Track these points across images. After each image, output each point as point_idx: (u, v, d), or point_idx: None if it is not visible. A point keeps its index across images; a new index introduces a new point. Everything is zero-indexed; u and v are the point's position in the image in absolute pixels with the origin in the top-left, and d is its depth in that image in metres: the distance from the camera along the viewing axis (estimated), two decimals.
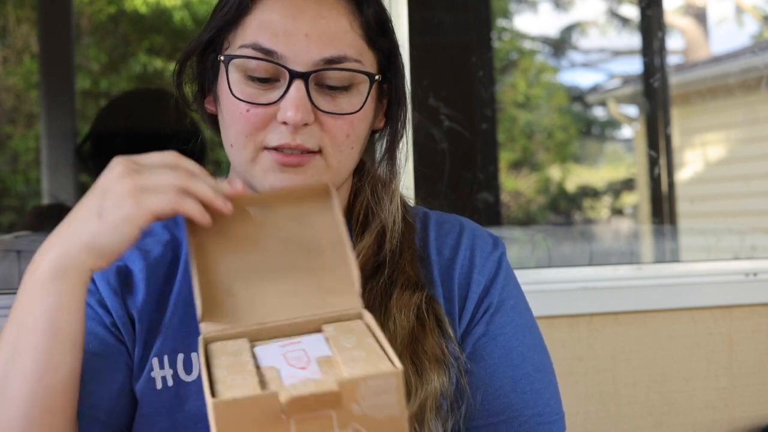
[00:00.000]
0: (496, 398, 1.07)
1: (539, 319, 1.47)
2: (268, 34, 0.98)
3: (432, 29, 2.81)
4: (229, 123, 1.01)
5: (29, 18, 3.06)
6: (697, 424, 1.92)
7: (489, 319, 1.09)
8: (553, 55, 6.99)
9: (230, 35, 1.02)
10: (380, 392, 0.73)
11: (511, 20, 6.31)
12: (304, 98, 0.97)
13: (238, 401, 0.72)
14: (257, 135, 0.99)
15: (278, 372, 0.77)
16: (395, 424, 0.74)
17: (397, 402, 0.74)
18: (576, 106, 6.82)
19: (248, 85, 0.99)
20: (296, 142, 0.97)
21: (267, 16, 0.99)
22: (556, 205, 6.63)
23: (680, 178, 5.55)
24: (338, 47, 0.99)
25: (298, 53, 0.98)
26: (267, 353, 0.80)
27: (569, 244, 3.01)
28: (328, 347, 0.80)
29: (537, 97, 6.46)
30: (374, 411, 0.73)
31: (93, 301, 1.03)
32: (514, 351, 1.09)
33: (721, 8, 6.28)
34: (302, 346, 0.81)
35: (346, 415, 0.73)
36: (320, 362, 0.78)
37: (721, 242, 2.73)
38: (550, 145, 6.55)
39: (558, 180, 6.65)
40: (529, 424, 1.08)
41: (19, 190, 3.34)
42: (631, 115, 6.64)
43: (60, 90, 2.72)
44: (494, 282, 1.10)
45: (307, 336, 0.83)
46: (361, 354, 0.77)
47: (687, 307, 1.93)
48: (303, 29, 0.98)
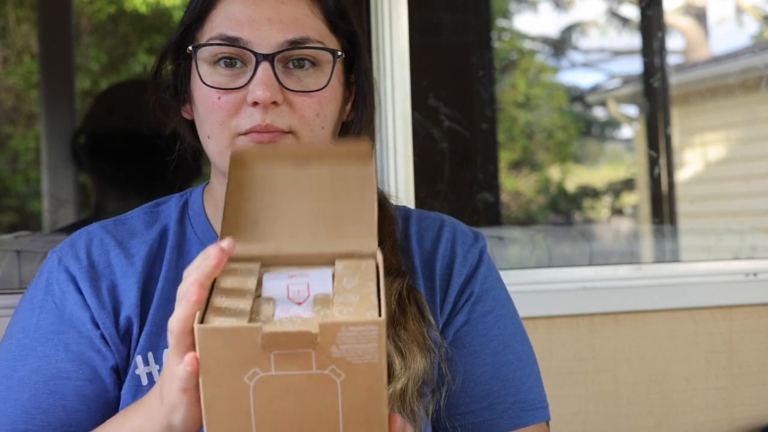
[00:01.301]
0: (477, 385, 1.09)
1: (540, 319, 1.48)
2: (232, 23, 1.03)
3: (432, 29, 2.81)
4: (204, 115, 1.05)
5: (29, 18, 3.06)
6: (697, 424, 1.92)
7: (470, 308, 1.11)
8: (553, 55, 6.99)
9: (198, 33, 1.07)
10: (360, 339, 0.74)
11: (511, 20, 6.31)
12: (271, 78, 1.01)
13: (219, 330, 0.74)
14: (230, 121, 1.03)
15: (274, 304, 0.79)
16: (373, 371, 0.76)
17: (376, 350, 0.75)
18: (576, 106, 6.82)
19: (217, 73, 1.04)
20: (266, 122, 1.01)
21: (230, 8, 1.04)
22: (556, 205, 6.63)
23: (680, 178, 5.55)
24: (300, 30, 1.03)
25: (262, 37, 1.02)
26: (272, 282, 0.82)
27: (569, 244, 3.01)
28: (330, 285, 0.82)
29: (537, 97, 6.46)
30: (353, 356, 0.75)
31: (86, 318, 1.05)
32: (495, 339, 1.11)
33: (721, 8, 6.28)
34: (308, 279, 0.82)
35: (324, 357, 0.74)
36: (316, 300, 0.79)
37: (721, 242, 2.72)
38: (550, 145, 6.55)
39: (558, 180, 6.65)
40: (513, 410, 1.10)
41: (19, 190, 3.34)
42: (631, 115, 6.65)
43: (60, 90, 2.71)
44: (476, 273, 1.13)
45: (317, 269, 0.84)
46: (356, 299, 0.79)
47: (687, 307, 1.93)
48: (265, 14, 1.03)
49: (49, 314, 1.06)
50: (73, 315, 1.05)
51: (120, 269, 1.07)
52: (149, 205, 1.17)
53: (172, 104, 1.12)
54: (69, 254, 1.09)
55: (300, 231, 0.88)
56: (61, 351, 1.04)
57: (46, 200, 2.82)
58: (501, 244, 2.41)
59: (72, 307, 1.06)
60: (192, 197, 1.16)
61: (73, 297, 1.06)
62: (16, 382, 1.04)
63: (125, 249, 1.09)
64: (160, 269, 1.09)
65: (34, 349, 1.04)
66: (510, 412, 1.10)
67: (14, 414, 1.03)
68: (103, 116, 2.18)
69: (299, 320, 0.76)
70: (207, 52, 1.04)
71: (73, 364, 1.04)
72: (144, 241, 1.10)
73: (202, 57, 1.04)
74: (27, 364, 1.04)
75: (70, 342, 1.04)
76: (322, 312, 0.78)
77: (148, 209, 1.16)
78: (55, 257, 1.10)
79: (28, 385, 1.03)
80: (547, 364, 1.78)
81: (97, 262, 1.08)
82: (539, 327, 1.81)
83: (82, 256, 1.08)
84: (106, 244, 1.09)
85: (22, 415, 1.02)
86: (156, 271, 1.09)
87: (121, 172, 2.08)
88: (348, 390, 0.76)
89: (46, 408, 1.02)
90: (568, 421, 1.84)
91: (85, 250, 1.08)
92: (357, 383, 0.76)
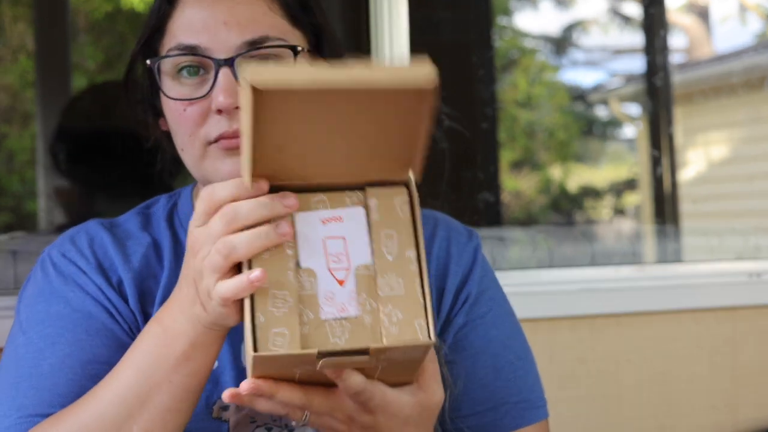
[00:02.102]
0: (480, 387, 1.09)
1: (541, 320, 1.46)
2: (188, 31, 1.02)
3: (432, 28, 2.80)
4: (174, 128, 1.04)
5: (25, 16, 3.06)
6: (700, 426, 1.92)
7: (468, 309, 1.10)
8: (555, 54, 6.99)
9: (159, 45, 1.05)
10: (408, 352, 0.80)
11: (512, 19, 6.30)
12: (232, 82, 0.99)
13: (274, 358, 0.78)
14: (199, 131, 1.01)
15: (315, 281, 0.80)
16: (413, 364, 0.83)
17: (422, 355, 0.82)
18: (577, 105, 6.81)
19: (181, 85, 1.02)
20: (233, 128, 0.99)
21: (186, 15, 1.03)
22: (558, 205, 6.62)
23: (683, 178, 5.54)
24: (258, 29, 1.01)
25: (220, 42, 1.00)
26: (306, 229, 0.82)
27: (571, 244, 3.00)
28: (368, 244, 0.82)
29: (538, 96, 6.45)
30: (401, 358, 0.81)
31: (108, 307, 1.04)
32: (494, 340, 1.11)
33: (725, 6, 6.27)
34: (344, 228, 0.82)
35: (374, 361, 0.80)
36: (359, 280, 0.81)
37: (725, 243, 2.71)
38: (551, 144, 6.54)
39: (559, 180, 6.65)
40: (516, 410, 1.10)
41: (15, 190, 3.34)
42: (634, 114, 6.63)
43: (56, 89, 2.70)
44: (471, 273, 1.12)
45: (348, 209, 0.83)
46: (401, 289, 0.80)
47: (690, 309, 1.93)
48: (221, 18, 1.01)
49: (69, 303, 1.04)
50: (96, 304, 1.04)
51: (120, 266, 1.06)
52: (140, 207, 1.15)
53: (148, 119, 1.10)
54: (72, 250, 1.07)
55: (329, 159, 0.81)
56: (94, 336, 1.02)
57: (41, 200, 2.81)
58: (502, 245, 2.40)
59: (93, 297, 1.04)
60: (181, 199, 1.15)
61: (91, 287, 1.04)
62: (48, 369, 1.00)
63: (123, 248, 1.08)
64: (161, 269, 1.08)
65: (62, 336, 1.01)
66: (513, 412, 1.10)
67: (51, 400, 0.98)
68: (78, 121, 2.16)
69: (349, 325, 0.79)
70: (168, 64, 1.02)
71: (109, 349, 1.02)
72: (140, 244, 1.09)
73: (164, 70, 1.03)
74: (56, 351, 1.01)
75: (101, 328, 1.03)
76: (368, 306, 0.80)
77: (139, 211, 1.15)
78: (56, 252, 1.08)
79: (63, 370, 1.00)
80: (549, 366, 1.77)
81: (102, 260, 1.07)
82: (540, 328, 1.80)
83: (87, 253, 1.07)
84: (106, 243, 1.08)
85: (60, 400, 0.98)
86: (155, 271, 1.08)
87: (104, 175, 2.06)
88: (388, 369, 0.82)
89: (85, 393, 0.98)
90: (570, 424, 1.83)
91: (89, 248, 1.07)
92: (399, 367, 0.82)
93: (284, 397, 0.83)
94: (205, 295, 0.84)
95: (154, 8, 1.06)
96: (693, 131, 5.84)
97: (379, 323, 0.80)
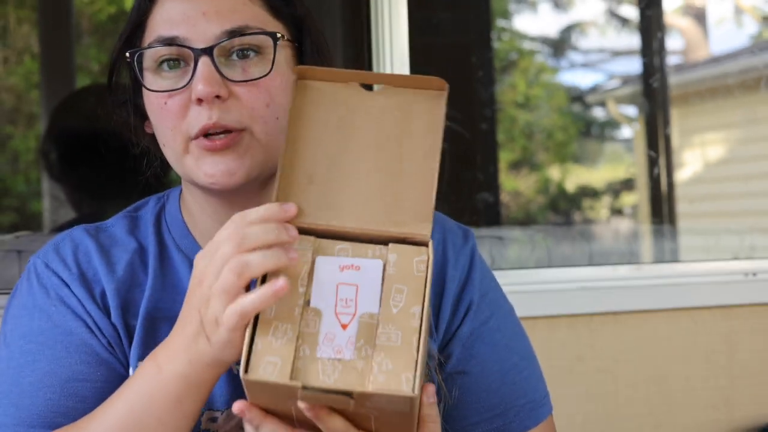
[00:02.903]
0: (488, 394, 1.08)
1: (539, 319, 1.48)
2: (167, 24, 1.00)
3: (432, 29, 2.81)
4: (156, 123, 1.02)
5: (30, 18, 3.06)
6: (696, 423, 1.92)
7: (473, 317, 1.09)
8: (553, 56, 6.99)
9: (140, 41, 1.03)
10: (393, 401, 0.80)
11: (511, 20, 6.30)
12: (211, 71, 0.97)
13: (262, 383, 0.80)
14: (180, 125, 0.99)
15: (320, 320, 0.83)
16: (404, 419, 0.83)
17: (408, 408, 0.81)
18: (575, 107, 6.80)
19: (162, 79, 1.00)
20: (213, 120, 0.97)
21: (165, 9, 1.01)
22: (556, 205, 6.62)
23: (679, 178, 5.54)
24: (238, 19, 0.99)
25: (199, 32, 0.98)
26: (323, 268, 0.85)
27: (569, 244, 3.01)
28: (378, 295, 0.84)
29: (536, 97, 6.44)
30: (386, 407, 0.81)
31: (89, 322, 1.03)
32: (499, 344, 1.10)
33: (721, 8, 6.28)
34: (359, 277, 0.85)
35: (360, 405, 0.80)
36: (360, 327, 0.83)
37: (721, 242, 2.73)
38: (549, 145, 6.54)
39: (557, 180, 6.64)
40: (523, 411, 1.10)
41: (20, 191, 3.34)
42: (631, 115, 6.64)
43: (60, 90, 2.71)
44: (470, 277, 1.11)
45: (368, 260, 0.86)
46: (398, 341, 0.82)
47: (686, 307, 1.93)
48: (200, 9, 0.99)
49: (51, 318, 1.02)
50: (76, 319, 1.02)
51: (104, 276, 1.04)
52: (129, 209, 1.14)
53: (134, 122, 1.07)
54: (55, 260, 1.05)
55: (355, 203, 0.87)
56: (73, 353, 1.00)
57: (46, 200, 2.82)
58: (501, 244, 2.41)
59: (74, 312, 1.02)
60: (169, 202, 1.12)
61: (73, 301, 1.03)
62: (27, 387, 0.99)
63: (107, 256, 1.06)
64: (145, 277, 1.06)
65: (42, 353, 1.00)
66: (521, 415, 1.10)
67: (30, 419, 0.98)
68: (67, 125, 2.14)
69: (340, 367, 0.81)
70: (149, 59, 1.00)
71: (89, 366, 1.00)
72: (125, 250, 1.07)
73: (145, 66, 1.01)
74: (36, 369, 1.00)
75: (80, 344, 1.01)
76: (363, 352, 0.81)
77: (127, 214, 1.13)
78: (40, 262, 1.06)
79: (42, 389, 0.99)
80: (547, 364, 1.77)
81: (86, 270, 1.05)
82: (539, 327, 1.81)
83: (70, 263, 1.05)
84: (90, 252, 1.06)
85: (39, 420, 0.98)
86: (139, 279, 1.05)
87: (96, 178, 2.04)
88: (381, 421, 0.82)
89: (65, 411, 0.98)
90: (567, 422, 1.84)
91: (72, 257, 1.05)
92: (390, 418, 0.82)
93: (269, 430, 0.83)
94: (212, 324, 0.83)
95: (135, 5, 1.05)
96: (689, 132, 5.85)
97: (370, 370, 0.81)
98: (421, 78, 0.90)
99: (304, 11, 1.06)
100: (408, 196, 0.87)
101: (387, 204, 0.87)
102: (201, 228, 1.08)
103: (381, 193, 0.88)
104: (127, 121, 1.08)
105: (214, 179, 0.98)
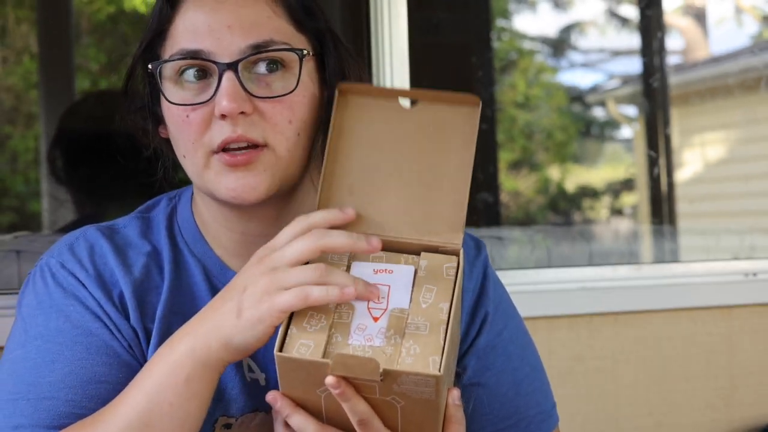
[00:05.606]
0: (503, 404, 1.09)
1: (539, 319, 1.47)
2: (191, 35, 0.99)
3: (432, 29, 2.81)
4: (176, 134, 1.01)
5: (28, 18, 3.07)
6: (696, 424, 1.92)
7: (489, 328, 1.10)
8: (553, 56, 6.99)
9: (160, 49, 1.02)
10: (419, 384, 0.83)
11: (511, 20, 6.30)
12: (236, 86, 0.96)
13: (294, 360, 0.84)
14: (202, 138, 0.99)
15: (353, 314, 0.88)
16: (430, 405, 0.85)
17: (433, 392, 0.83)
18: (575, 107, 6.81)
19: (183, 90, 0.99)
20: (237, 134, 0.96)
21: (188, 19, 1.00)
22: (556, 205, 6.62)
23: (679, 179, 5.54)
24: (263, 33, 0.98)
25: (224, 46, 0.97)
26: (358, 273, 0.90)
27: (569, 244, 3.01)
28: (409, 294, 0.89)
29: (536, 97, 6.45)
30: (413, 393, 0.83)
31: (108, 323, 1.02)
32: (513, 355, 1.11)
33: (721, 8, 6.28)
34: (391, 279, 0.90)
35: (387, 389, 0.83)
36: (391, 318, 0.87)
37: (721, 242, 2.73)
38: (549, 145, 6.54)
39: (557, 180, 6.64)
40: (534, 422, 1.11)
41: (19, 191, 3.35)
42: (631, 115, 6.64)
43: (59, 90, 2.71)
44: (484, 289, 1.11)
45: (401, 266, 0.91)
46: (425, 330, 0.86)
47: (686, 308, 1.93)
48: (225, 22, 0.98)
49: (69, 319, 1.01)
50: (95, 320, 1.01)
51: (121, 278, 1.03)
52: (140, 210, 1.13)
53: (147, 126, 1.06)
54: (71, 260, 1.04)
55: (392, 214, 0.93)
56: (94, 354, 0.99)
57: (45, 200, 2.82)
58: (500, 244, 2.41)
59: (93, 313, 1.01)
60: (180, 204, 1.12)
61: (91, 302, 1.02)
62: (47, 388, 0.97)
63: (124, 257, 1.05)
64: (161, 280, 1.05)
65: (61, 354, 0.99)
66: (533, 425, 1.11)
67: (49, 420, 0.96)
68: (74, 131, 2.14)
69: (370, 351, 0.85)
70: (169, 69, 0.99)
71: (110, 367, 0.99)
72: (140, 252, 1.06)
73: (165, 75, 1.00)
74: (55, 369, 0.98)
75: (101, 346, 1.00)
76: (393, 340, 0.86)
77: (139, 215, 1.12)
78: (54, 261, 1.05)
79: (62, 390, 0.97)
80: (547, 364, 1.77)
81: (102, 271, 1.04)
82: (539, 327, 1.81)
83: (86, 263, 1.04)
84: (106, 253, 1.05)
85: (58, 421, 0.96)
86: (156, 282, 1.05)
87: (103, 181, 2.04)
88: (407, 411, 0.85)
89: (84, 413, 0.96)
90: (567, 422, 1.84)
91: (88, 258, 1.04)
92: (415, 408, 0.85)
93: (297, 422, 0.86)
94: (256, 298, 0.87)
95: (155, 11, 1.03)
96: (689, 132, 5.85)
97: (399, 354, 0.85)
98: (456, 95, 0.94)
99: (327, 25, 1.06)
100: (441, 207, 0.93)
101: (421, 215, 0.93)
102: (213, 233, 1.08)
103: (416, 205, 0.93)
104: (141, 126, 1.07)
105: (235, 194, 0.98)
